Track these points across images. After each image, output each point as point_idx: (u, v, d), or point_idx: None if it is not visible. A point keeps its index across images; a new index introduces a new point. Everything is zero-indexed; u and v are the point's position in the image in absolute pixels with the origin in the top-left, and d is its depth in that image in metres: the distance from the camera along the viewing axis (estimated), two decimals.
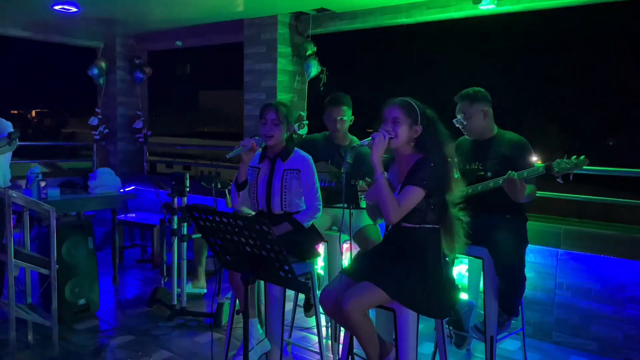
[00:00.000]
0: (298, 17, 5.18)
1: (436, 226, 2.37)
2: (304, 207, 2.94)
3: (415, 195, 2.29)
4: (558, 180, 2.71)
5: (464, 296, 3.25)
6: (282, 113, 2.89)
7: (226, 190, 4.47)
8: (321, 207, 2.94)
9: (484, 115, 2.96)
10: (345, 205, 2.60)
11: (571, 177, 2.71)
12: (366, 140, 2.39)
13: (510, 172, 2.69)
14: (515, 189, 2.68)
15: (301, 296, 3.70)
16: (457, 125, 3.02)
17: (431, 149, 2.36)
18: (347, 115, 3.52)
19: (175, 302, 4.05)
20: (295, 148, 3.00)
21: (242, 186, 2.94)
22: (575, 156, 2.68)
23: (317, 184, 2.95)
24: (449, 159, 2.37)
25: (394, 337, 2.34)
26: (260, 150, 2.99)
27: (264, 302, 2.91)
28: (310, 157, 2.97)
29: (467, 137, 3.09)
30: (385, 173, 2.35)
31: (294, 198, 2.92)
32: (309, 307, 3.62)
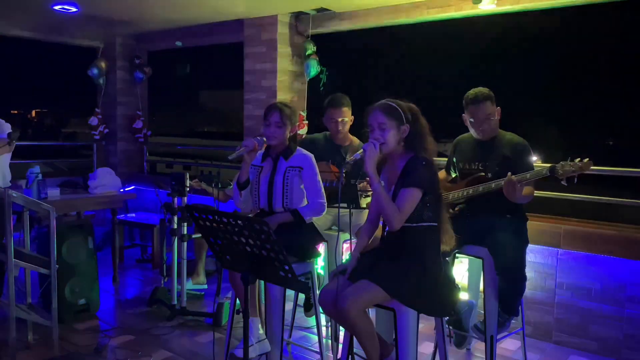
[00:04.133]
0: (298, 17, 5.18)
1: (433, 224, 2.37)
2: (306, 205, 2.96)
3: (414, 196, 2.31)
4: (562, 183, 2.71)
5: (464, 296, 3.25)
6: (285, 115, 2.91)
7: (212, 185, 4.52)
8: (325, 204, 2.95)
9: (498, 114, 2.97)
10: (345, 205, 2.60)
11: (575, 180, 2.71)
12: (358, 154, 2.41)
13: (509, 174, 2.68)
14: (514, 191, 2.67)
15: (301, 296, 3.70)
16: (467, 123, 3.00)
17: (419, 147, 2.39)
18: (347, 116, 3.54)
19: (175, 302, 4.05)
20: (298, 147, 3.02)
21: (244, 185, 2.95)
22: (579, 159, 2.68)
23: (320, 182, 2.96)
24: (432, 154, 2.41)
25: (394, 337, 2.34)
26: (262, 150, 3.01)
27: (264, 302, 2.91)
28: (312, 156, 2.98)
29: (466, 136, 3.09)
30: (382, 182, 2.36)
31: (295, 196, 2.92)
32: (309, 307, 3.62)
